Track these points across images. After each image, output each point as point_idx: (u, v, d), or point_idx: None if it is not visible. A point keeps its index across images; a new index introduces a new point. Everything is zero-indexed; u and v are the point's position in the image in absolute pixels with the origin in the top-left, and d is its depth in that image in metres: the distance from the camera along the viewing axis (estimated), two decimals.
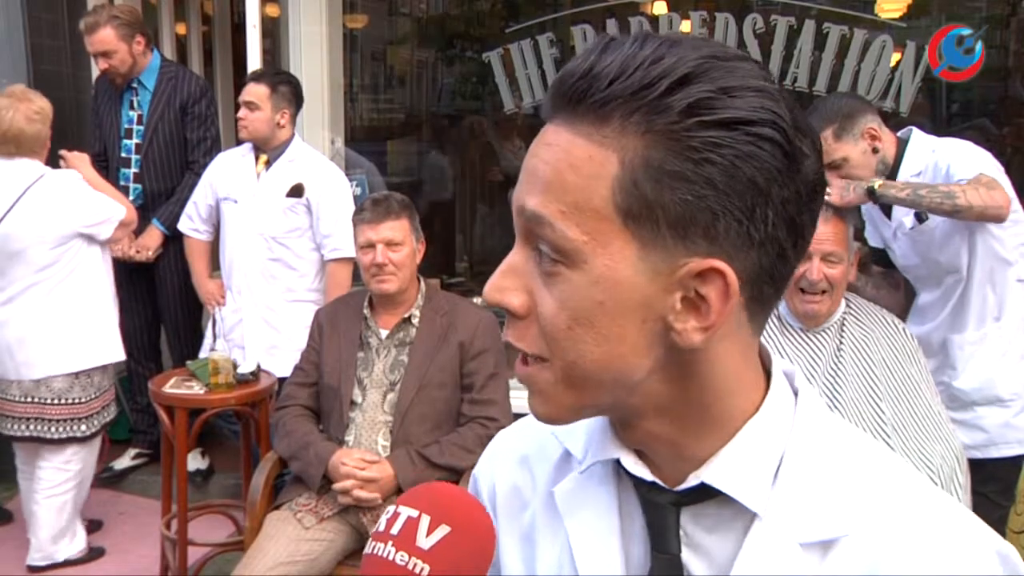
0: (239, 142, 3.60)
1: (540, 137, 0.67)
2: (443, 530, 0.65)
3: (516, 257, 0.67)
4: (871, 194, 2.43)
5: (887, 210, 2.65)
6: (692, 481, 0.69)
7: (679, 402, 0.68)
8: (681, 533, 0.70)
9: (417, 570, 0.64)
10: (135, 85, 3.86)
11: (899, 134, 2.61)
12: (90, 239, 3.24)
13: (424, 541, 0.65)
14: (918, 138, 2.58)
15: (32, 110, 3.14)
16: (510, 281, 0.67)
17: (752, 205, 0.62)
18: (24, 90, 3.22)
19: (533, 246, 0.66)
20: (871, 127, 2.52)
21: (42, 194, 3.14)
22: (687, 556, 0.70)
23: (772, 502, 0.67)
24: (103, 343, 3.31)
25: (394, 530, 0.66)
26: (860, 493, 0.67)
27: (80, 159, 3.38)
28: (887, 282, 2.73)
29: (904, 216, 2.59)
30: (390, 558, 0.65)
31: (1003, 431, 2.59)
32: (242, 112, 3.41)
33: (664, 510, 0.70)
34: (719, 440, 0.69)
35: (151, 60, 3.86)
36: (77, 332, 3.23)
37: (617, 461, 0.73)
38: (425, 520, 0.66)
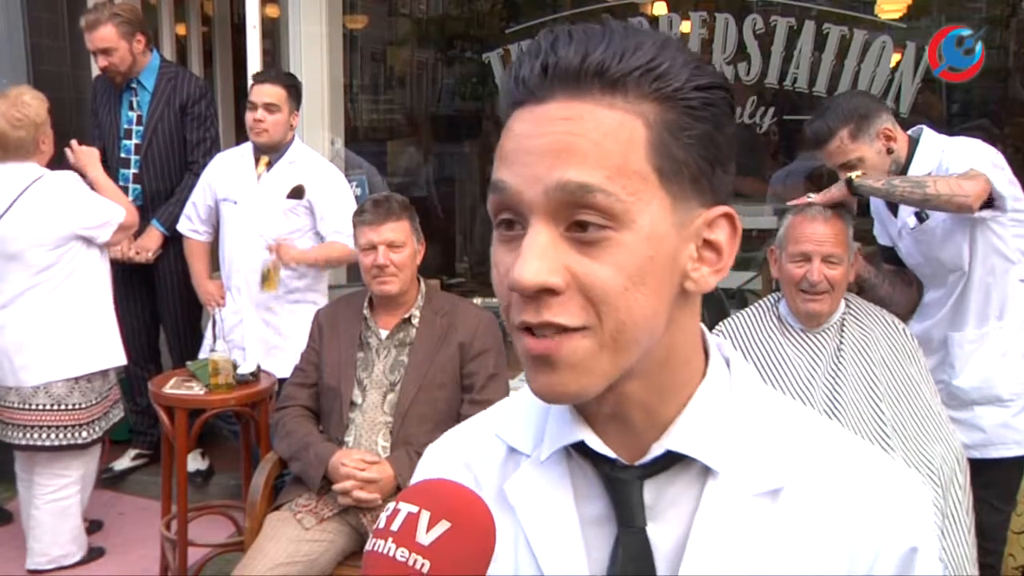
0: (239, 143, 3.59)
1: (543, 114, 0.68)
2: (443, 526, 0.65)
3: (542, 237, 0.66)
4: (849, 185, 2.44)
5: (894, 209, 2.64)
6: (657, 451, 0.73)
7: (656, 365, 0.72)
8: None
9: (418, 566, 0.64)
10: (134, 85, 3.86)
11: (910, 132, 2.59)
12: (88, 242, 3.22)
13: (424, 537, 0.64)
14: (928, 137, 2.57)
15: (16, 116, 3.10)
16: (546, 262, 0.66)
17: (728, 153, 0.71)
18: (18, 94, 3.19)
19: (567, 221, 0.67)
20: (886, 127, 2.50)
21: (39, 196, 3.13)
22: (650, 528, 0.73)
23: (726, 460, 0.73)
24: (103, 347, 3.29)
25: (394, 526, 0.65)
26: (795, 446, 0.75)
27: (89, 155, 3.37)
28: (900, 279, 2.72)
29: (907, 216, 2.58)
30: (391, 555, 0.65)
31: (1002, 431, 2.58)
32: (260, 114, 3.35)
33: (629, 485, 0.73)
34: (676, 406, 0.74)
35: (150, 60, 3.85)
36: (76, 336, 3.21)
37: (566, 452, 0.76)
38: (425, 516, 0.65)
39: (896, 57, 3.77)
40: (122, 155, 3.88)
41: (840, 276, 2.26)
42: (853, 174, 2.45)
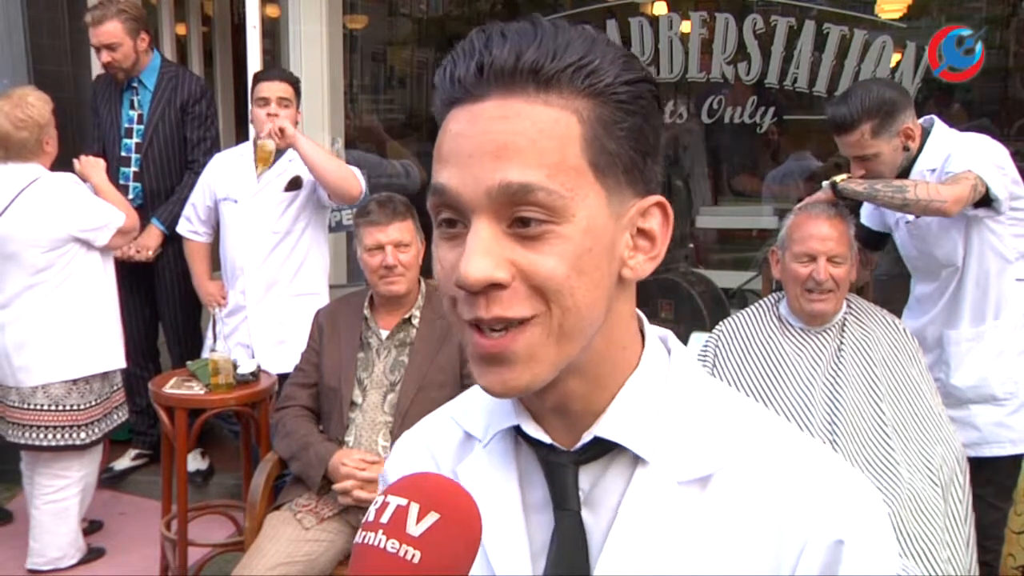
0: (239, 142, 3.59)
1: (480, 113, 0.69)
2: (432, 517, 0.65)
3: (484, 234, 0.68)
4: (834, 188, 2.46)
5: None
6: (587, 438, 0.75)
7: (594, 354, 0.74)
8: (580, 492, 0.76)
9: (408, 556, 0.64)
10: (135, 84, 3.86)
11: (921, 122, 2.57)
12: (88, 244, 3.21)
13: (414, 528, 0.65)
14: (939, 132, 2.54)
15: (19, 117, 3.10)
16: (491, 258, 0.68)
17: (657, 144, 0.74)
18: (22, 94, 3.18)
19: (508, 218, 0.68)
20: (908, 126, 2.47)
21: (36, 197, 3.12)
22: (585, 513, 0.76)
23: (655, 448, 0.75)
24: (102, 350, 3.28)
25: (384, 519, 0.66)
26: (728, 434, 0.76)
27: (93, 165, 3.37)
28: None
29: None
30: (381, 546, 0.65)
31: (996, 430, 2.58)
32: (273, 107, 3.35)
33: (565, 469, 0.76)
34: (611, 394, 0.76)
35: (152, 59, 3.86)
36: (75, 338, 3.20)
37: (516, 436, 0.79)
38: (415, 508, 0.66)
39: (896, 57, 3.77)
40: (123, 154, 3.89)
41: (844, 275, 2.26)
42: (838, 177, 2.48)
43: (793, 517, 0.72)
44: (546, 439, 0.76)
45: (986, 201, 2.40)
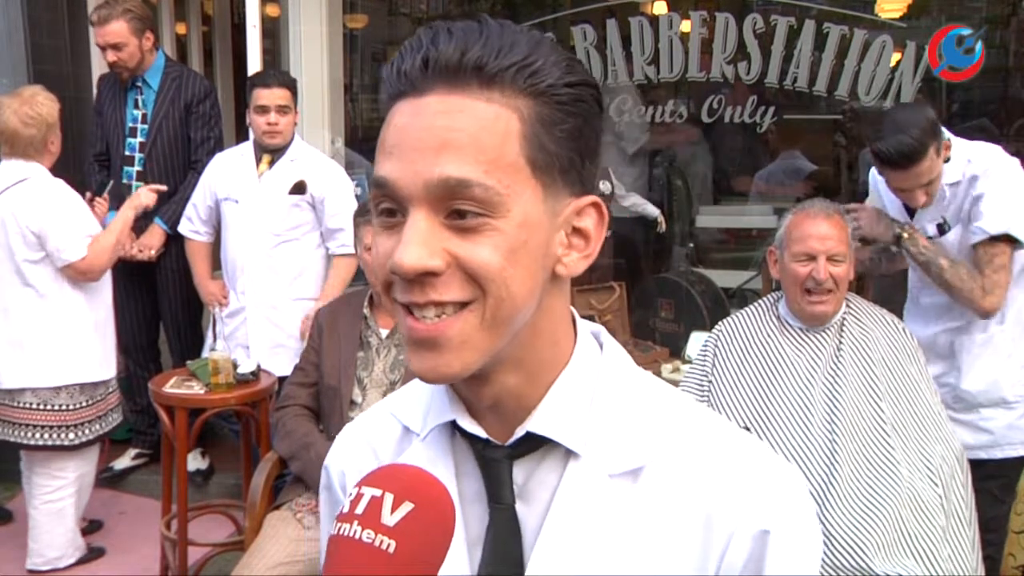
0: (239, 142, 3.59)
1: (423, 107, 0.70)
2: (407, 507, 0.66)
3: (421, 224, 0.70)
4: (897, 241, 2.46)
5: (911, 212, 2.62)
6: (519, 433, 0.77)
7: (526, 348, 0.75)
8: (514, 486, 0.77)
9: (384, 546, 0.64)
10: (140, 84, 3.87)
11: None
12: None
13: (389, 518, 0.65)
14: (954, 145, 2.49)
15: (28, 114, 3.09)
16: (426, 248, 0.69)
17: (596, 146, 0.75)
18: (32, 93, 3.18)
19: (446, 211, 0.70)
20: (947, 139, 2.43)
21: (18, 196, 3.11)
22: (519, 506, 0.77)
23: (586, 441, 0.76)
24: (88, 361, 3.22)
25: (359, 510, 0.66)
26: (658, 427, 0.78)
27: (139, 198, 3.38)
28: (886, 253, 2.73)
29: (928, 223, 2.55)
30: (356, 537, 0.65)
31: (1008, 432, 2.58)
32: (273, 117, 3.36)
33: (499, 464, 0.77)
34: (543, 389, 0.77)
35: (156, 59, 3.87)
36: (62, 346, 3.16)
37: (452, 430, 0.80)
38: (389, 498, 0.66)
39: (896, 57, 3.77)
40: (126, 153, 3.89)
41: (843, 274, 2.25)
42: (904, 230, 2.46)
43: (720, 508, 0.74)
44: (481, 433, 0.78)
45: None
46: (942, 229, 2.54)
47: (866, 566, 1.99)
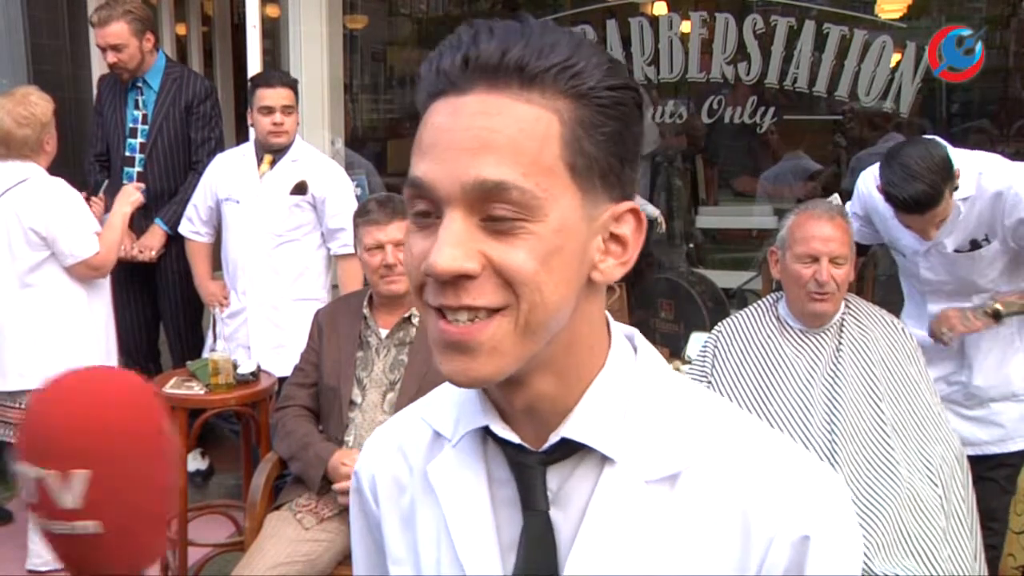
0: (240, 142, 3.59)
1: (462, 107, 0.69)
2: (82, 476, 0.55)
3: (457, 226, 0.68)
4: (997, 317, 2.48)
5: None
6: (553, 439, 0.75)
7: (562, 354, 0.74)
8: (548, 492, 0.76)
9: (89, 531, 0.55)
10: (140, 84, 3.87)
11: None
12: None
13: (68, 499, 0.55)
14: (954, 157, 2.44)
15: (22, 114, 3.08)
16: (461, 249, 0.68)
17: (636, 151, 0.74)
18: (25, 93, 3.17)
19: (482, 213, 0.68)
20: (956, 170, 2.39)
21: (20, 197, 3.10)
22: (553, 512, 0.76)
23: (622, 447, 0.75)
24: (86, 361, 3.18)
25: (33, 497, 0.57)
26: (695, 432, 0.76)
27: (127, 194, 3.36)
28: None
29: (946, 238, 2.52)
30: (55, 532, 0.56)
31: (1019, 425, 2.64)
32: (278, 117, 3.37)
33: (533, 470, 0.76)
34: (577, 394, 0.76)
35: (156, 60, 3.87)
36: (58, 346, 3.13)
37: (485, 435, 0.79)
38: (53, 477, 0.56)
39: (896, 57, 3.77)
40: (127, 154, 3.89)
41: (845, 276, 2.25)
42: (996, 304, 2.49)
43: (760, 513, 0.73)
44: (515, 439, 0.77)
45: None
46: (978, 244, 2.52)
47: (866, 566, 1.99)
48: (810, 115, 4.48)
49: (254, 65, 3.87)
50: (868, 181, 2.67)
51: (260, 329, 3.50)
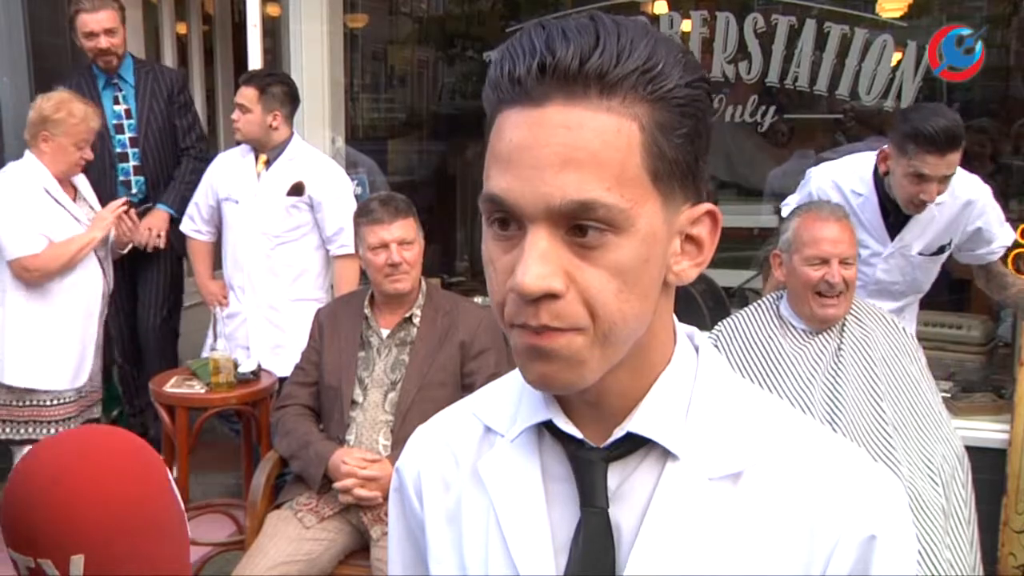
0: (238, 142, 3.59)
1: (541, 120, 0.66)
2: (77, 562, 0.52)
3: (543, 244, 0.67)
4: None
5: (893, 231, 2.67)
6: (618, 433, 0.75)
7: (639, 351, 0.74)
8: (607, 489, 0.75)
9: None
10: (116, 80, 3.88)
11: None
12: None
13: None
14: None
15: (51, 105, 3.18)
16: (548, 267, 0.66)
17: (708, 144, 0.72)
18: (44, 95, 3.24)
19: (566, 227, 0.67)
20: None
21: None
22: (612, 510, 0.75)
23: (686, 443, 0.74)
24: (42, 367, 3.14)
25: None
26: (758, 431, 0.76)
27: (99, 219, 3.28)
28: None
29: (915, 240, 2.62)
30: None
31: None
32: (235, 114, 3.43)
33: (594, 466, 0.75)
34: (644, 391, 0.75)
35: (126, 56, 3.90)
36: (20, 346, 3.12)
37: (538, 430, 0.78)
38: (48, 566, 0.53)
39: (897, 56, 3.77)
40: (118, 150, 3.88)
41: (853, 276, 2.24)
42: None
43: (826, 514, 0.72)
44: (577, 434, 0.76)
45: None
46: (942, 249, 2.69)
47: None
48: (811, 114, 4.48)
49: (255, 64, 3.86)
50: (822, 182, 2.70)
51: (259, 329, 3.50)
